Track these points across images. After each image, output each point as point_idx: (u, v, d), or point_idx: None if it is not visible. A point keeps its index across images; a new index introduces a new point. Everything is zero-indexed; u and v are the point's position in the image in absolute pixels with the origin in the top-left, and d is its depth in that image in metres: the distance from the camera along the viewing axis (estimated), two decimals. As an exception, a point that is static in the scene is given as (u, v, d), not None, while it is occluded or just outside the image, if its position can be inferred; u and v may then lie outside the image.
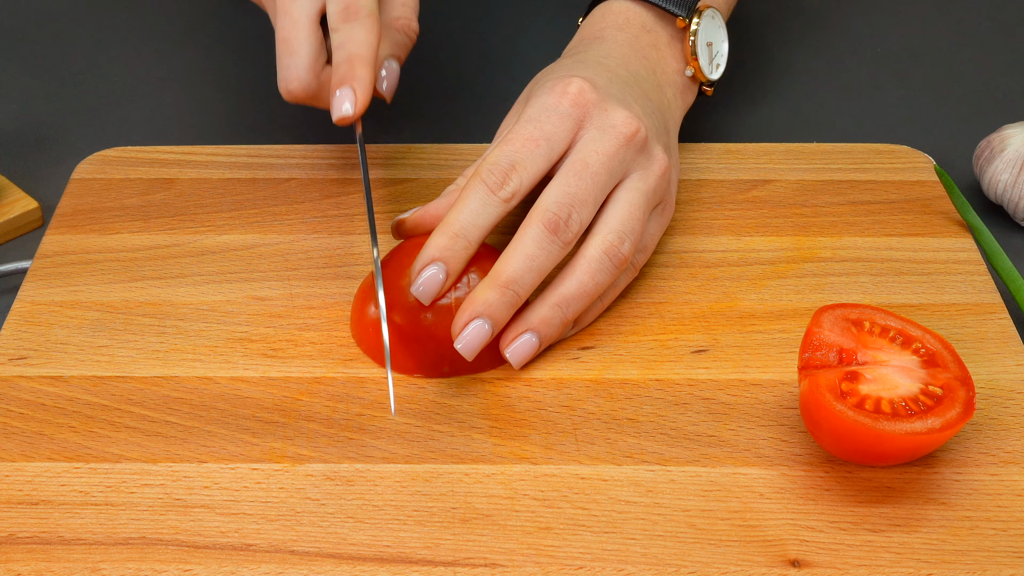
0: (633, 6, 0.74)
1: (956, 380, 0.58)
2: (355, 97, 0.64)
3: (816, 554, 0.56)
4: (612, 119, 0.65)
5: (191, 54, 0.91)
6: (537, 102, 0.66)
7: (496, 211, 0.63)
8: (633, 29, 0.73)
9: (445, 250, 0.62)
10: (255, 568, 0.55)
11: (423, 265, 0.62)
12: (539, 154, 0.64)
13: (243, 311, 0.68)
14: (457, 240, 0.63)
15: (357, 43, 0.65)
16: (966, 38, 0.94)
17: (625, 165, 0.65)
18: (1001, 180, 0.75)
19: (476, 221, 0.63)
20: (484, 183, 0.63)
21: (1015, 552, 0.56)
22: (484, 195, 0.63)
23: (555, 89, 0.66)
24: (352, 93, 0.64)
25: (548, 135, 0.64)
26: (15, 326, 0.67)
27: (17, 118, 0.85)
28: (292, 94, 0.67)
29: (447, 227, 0.63)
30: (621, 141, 0.65)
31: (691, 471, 0.60)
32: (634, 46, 0.72)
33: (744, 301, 0.69)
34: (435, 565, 0.56)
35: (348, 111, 0.64)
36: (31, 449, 0.61)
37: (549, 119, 0.65)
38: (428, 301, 0.63)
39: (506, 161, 0.64)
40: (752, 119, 0.85)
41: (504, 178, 0.63)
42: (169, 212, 0.74)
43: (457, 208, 0.63)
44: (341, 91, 0.64)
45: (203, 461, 0.60)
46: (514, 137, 0.64)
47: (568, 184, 0.63)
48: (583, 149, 0.64)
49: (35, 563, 0.56)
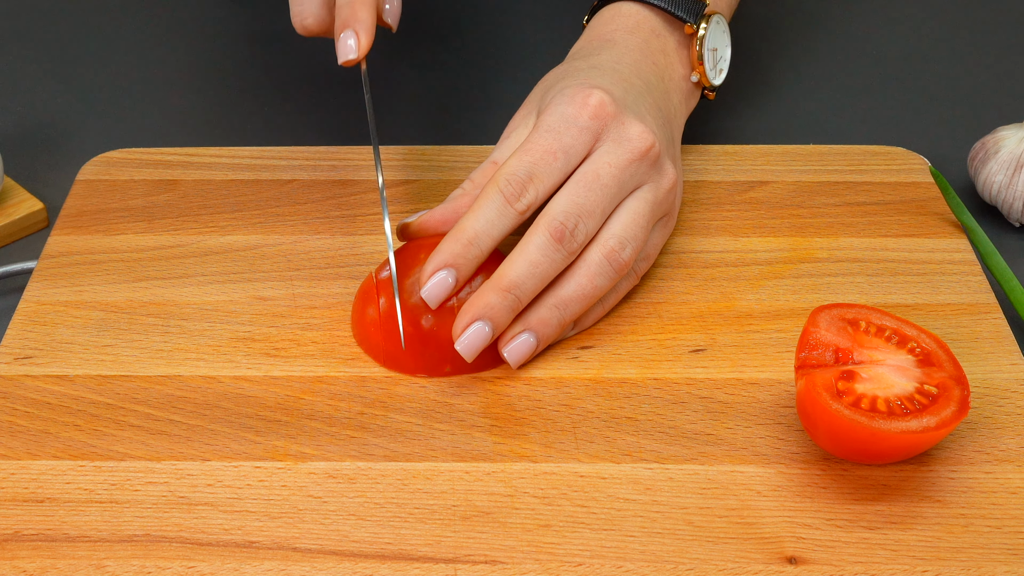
0: (643, 9, 0.74)
1: (951, 379, 0.59)
2: (358, 40, 0.66)
3: (813, 551, 0.56)
4: (628, 132, 0.65)
5: (195, 56, 0.91)
6: (556, 111, 0.66)
7: (510, 222, 0.64)
8: (643, 33, 0.73)
9: (458, 257, 0.63)
10: (258, 565, 0.56)
11: (435, 269, 0.63)
12: (556, 167, 0.64)
13: (246, 311, 0.68)
14: (470, 248, 0.63)
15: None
16: (961, 41, 0.94)
17: (636, 179, 0.66)
18: (995, 181, 0.75)
19: (490, 231, 0.63)
20: (501, 193, 0.63)
21: (1009, 549, 0.56)
22: (500, 205, 0.63)
23: (575, 99, 0.66)
24: (355, 36, 0.66)
25: (566, 148, 0.65)
26: (20, 326, 0.67)
27: (22, 120, 0.85)
28: (308, 29, 0.69)
29: (461, 233, 0.63)
30: (635, 155, 0.65)
31: (689, 469, 0.60)
32: (645, 51, 0.72)
33: (741, 301, 0.69)
34: (436, 562, 0.56)
35: (352, 55, 0.66)
36: (36, 447, 0.61)
37: (568, 131, 0.65)
38: (436, 305, 0.63)
39: (524, 172, 0.64)
40: (750, 121, 0.85)
41: (521, 190, 0.63)
42: (173, 213, 0.74)
43: (473, 215, 0.63)
44: (344, 34, 0.66)
45: (206, 459, 0.60)
46: (533, 147, 0.64)
47: (578, 195, 0.64)
48: (597, 161, 0.65)
49: (40, 560, 0.56)
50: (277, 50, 0.92)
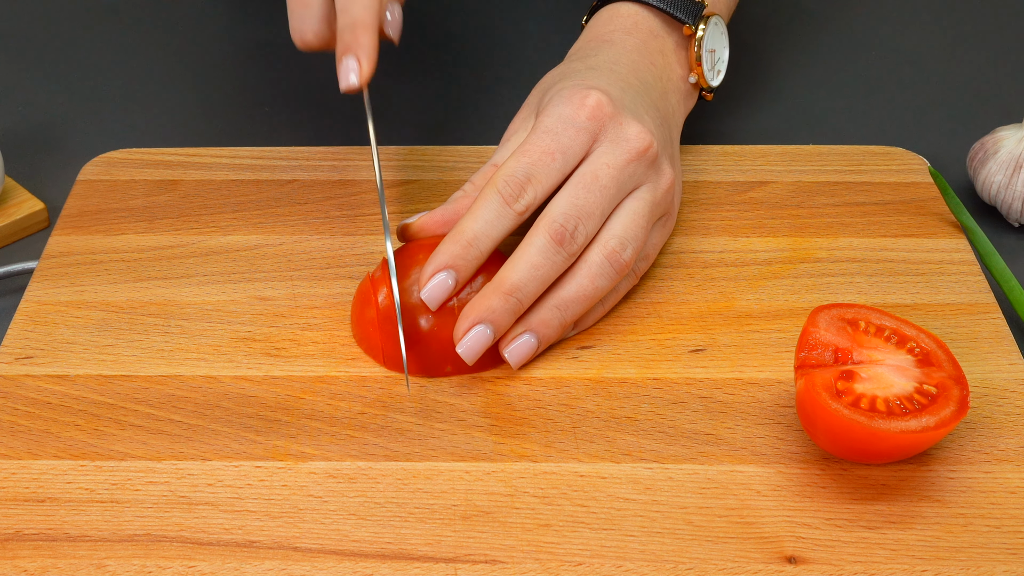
0: (641, 10, 0.74)
1: (950, 379, 0.59)
2: (360, 67, 0.65)
3: (812, 550, 0.56)
4: (626, 133, 0.66)
5: (196, 57, 0.92)
6: (554, 112, 0.66)
7: (509, 223, 0.64)
8: (641, 34, 0.73)
9: (458, 258, 0.63)
10: (258, 564, 0.56)
11: (434, 271, 0.63)
12: (555, 168, 0.64)
13: (247, 311, 0.68)
14: (470, 249, 0.63)
15: (360, 8, 0.65)
16: (960, 41, 0.94)
17: (635, 179, 0.66)
18: (994, 182, 0.76)
19: (489, 232, 0.63)
20: (500, 194, 0.63)
21: (1008, 548, 0.57)
22: (499, 206, 0.63)
23: (572, 100, 0.66)
24: (357, 63, 0.65)
25: (564, 148, 0.65)
26: (21, 326, 0.67)
27: (23, 120, 0.85)
28: (307, 44, 0.68)
29: (460, 235, 0.63)
30: (633, 156, 0.65)
31: (689, 469, 0.60)
32: (643, 52, 0.72)
33: (741, 301, 0.69)
34: (436, 561, 0.56)
35: (354, 82, 0.65)
36: (37, 447, 0.61)
37: (566, 131, 0.65)
38: (436, 307, 0.63)
39: (522, 173, 0.64)
40: (749, 122, 0.85)
41: (520, 191, 0.64)
42: (174, 213, 0.74)
43: (471, 216, 0.63)
44: (346, 60, 0.65)
45: (207, 459, 0.60)
46: (531, 148, 0.65)
47: (577, 197, 0.64)
48: (595, 162, 0.65)
49: (41, 559, 0.56)
50: (277, 51, 0.92)
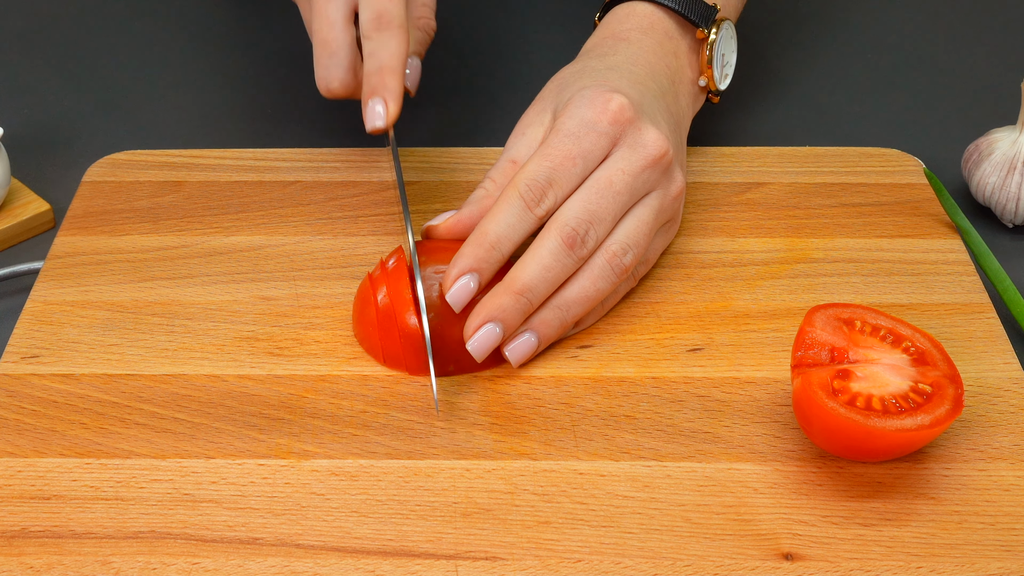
0: (657, 11, 0.74)
1: (945, 378, 0.59)
2: (386, 109, 0.67)
3: (808, 547, 0.57)
4: (644, 139, 0.66)
5: (199, 59, 0.92)
6: (576, 114, 0.66)
7: (530, 226, 0.64)
8: (657, 35, 0.73)
9: (481, 261, 0.63)
10: (261, 561, 0.56)
11: (459, 274, 0.63)
12: (575, 172, 0.65)
13: (250, 311, 0.68)
14: (492, 252, 0.63)
15: (388, 54, 0.67)
16: (955, 43, 0.94)
17: (648, 185, 0.66)
18: (989, 183, 0.76)
19: (511, 235, 0.64)
20: (522, 199, 0.64)
21: (1002, 545, 0.57)
22: (521, 210, 0.64)
23: (595, 103, 0.66)
24: (384, 105, 0.67)
25: (585, 153, 0.65)
26: (27, 325, 0.67)
27: (29, 121, 0.85)
28: (333, 92, 0.70)
29: (483, 238, 0.63)
30: (648, 162, 0.66)
31: (687, 467, 0.60)
32: (659, 53, 0.72)
33: (738, 301, 0.69)
34: (437, 558, 0.56)
35: (380, 123, 0.67)
36: (43, 445, 0.61)
37: (588, 136, 0.65)
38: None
39: (544, 178, 0.64)
40: (747, 123, 0.85)
41: (541, 195, 0.64)
42: (178, 214, 0.75)
43: (493, 219, 0.64)
44: (373, 102, 0.67)
45: (211, 457, 0.61)
46: (553, 152, 0.65)
47: (590, 202, 0.64)
48: (611, 167, 0.65)
49: (47, 556, 0.56)
50: (281, 54, 0.92)
